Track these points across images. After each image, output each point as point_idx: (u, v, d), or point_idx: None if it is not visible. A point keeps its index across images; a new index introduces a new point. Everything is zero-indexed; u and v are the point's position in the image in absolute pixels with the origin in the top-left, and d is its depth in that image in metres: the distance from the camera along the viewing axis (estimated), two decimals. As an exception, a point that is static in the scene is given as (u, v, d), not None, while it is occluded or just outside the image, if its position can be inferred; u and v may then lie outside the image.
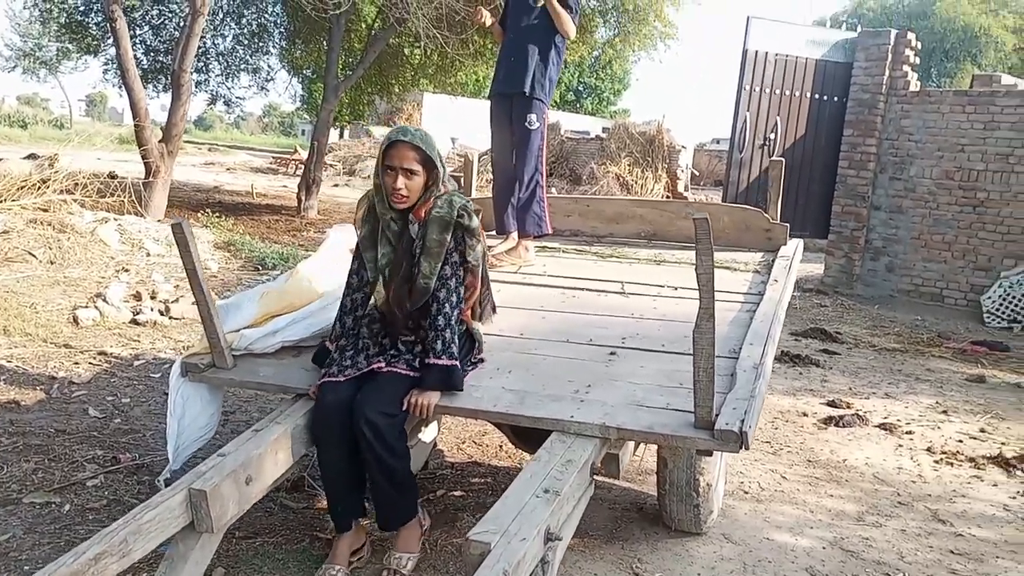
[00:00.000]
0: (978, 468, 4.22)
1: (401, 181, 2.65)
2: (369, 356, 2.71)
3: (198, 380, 2.84)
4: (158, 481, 2.82)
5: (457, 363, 2.69)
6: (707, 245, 2.12)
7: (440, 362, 2.64)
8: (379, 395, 2.60)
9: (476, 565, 1.88)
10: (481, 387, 2.70)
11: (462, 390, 2.67)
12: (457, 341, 2.73)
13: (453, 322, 2.72)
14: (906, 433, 4.72)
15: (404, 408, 2.61)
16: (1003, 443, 4.62)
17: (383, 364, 2.68)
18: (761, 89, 9.63)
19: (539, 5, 3.92)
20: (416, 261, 2.72)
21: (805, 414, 5.00)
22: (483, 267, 2.94)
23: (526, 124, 3.94)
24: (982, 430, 4.88)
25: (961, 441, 4.64)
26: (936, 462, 4.29)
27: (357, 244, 2.90)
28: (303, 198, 13.05)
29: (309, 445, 2.68)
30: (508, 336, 3.13)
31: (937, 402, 5.43)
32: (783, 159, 4.39)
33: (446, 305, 2.70)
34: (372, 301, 2.80)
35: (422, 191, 2.71)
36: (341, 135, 30.54)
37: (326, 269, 3.24)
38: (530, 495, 2.15)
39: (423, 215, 2.72)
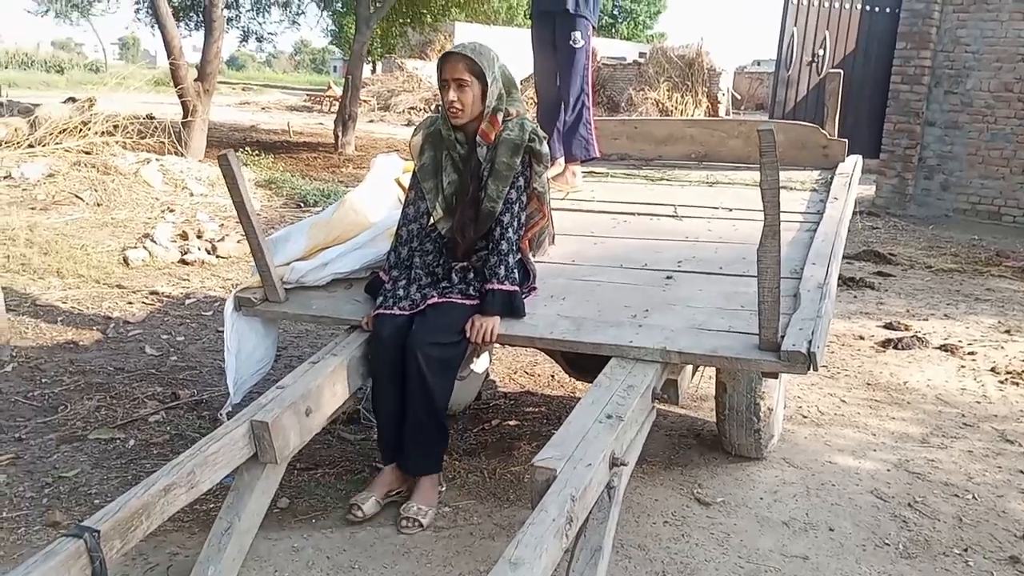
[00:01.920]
0: (1045, 387, 4.10)
1: (453, 93, 2.62)
2: (422, 287, 2.67)
3: (252, 314, 2.83)
4: (220, 415, 2.84)
5: (518, 289, 2.65)
6: (772, 158, 2.01)
7: (503, 287, 2.60)
8: (436, 326, 2.57)
9: (542, 492, 1.86)
10: (536, 314, 2.64)
11: (524, 316, 2.63)
12: (517, 268, 2.68)
13: (515, 247, 2.68)
14: (968, 354, 4.60)
15: (465, 336, 2.57)
16: (1070, 361, 4.48)
17: (436, 297, 2.63)
18: (808, 2, 9.20)
19: None
20: (483, 184, 2.68)
21: (862, 337, 4.89)
22: (548, 195, 2.90)
23: (570, 43, 3.78)
24: (1047, 349, 4.73)
25: (1026, 360, 4.51)
26: (1001, 382, 4.18)
27: (413, 174, 2.84)
28: (340, 134, 12.96)
29: (365, 377, 2.67)
30: (560, 263, 3.06)
31: (999, 321, 5.27)
32: (840, 71, 4.18)
33: (509, 230, 2.66)
34: (435, 229, 2.76)
35: (479, 104, 2.66)
36: (373, 70, 30.18)
37: (373, 199, 3.19)
38: (593, 420, 2.11)
39: (492, 138, 2.68)
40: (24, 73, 31.67)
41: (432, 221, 2.78)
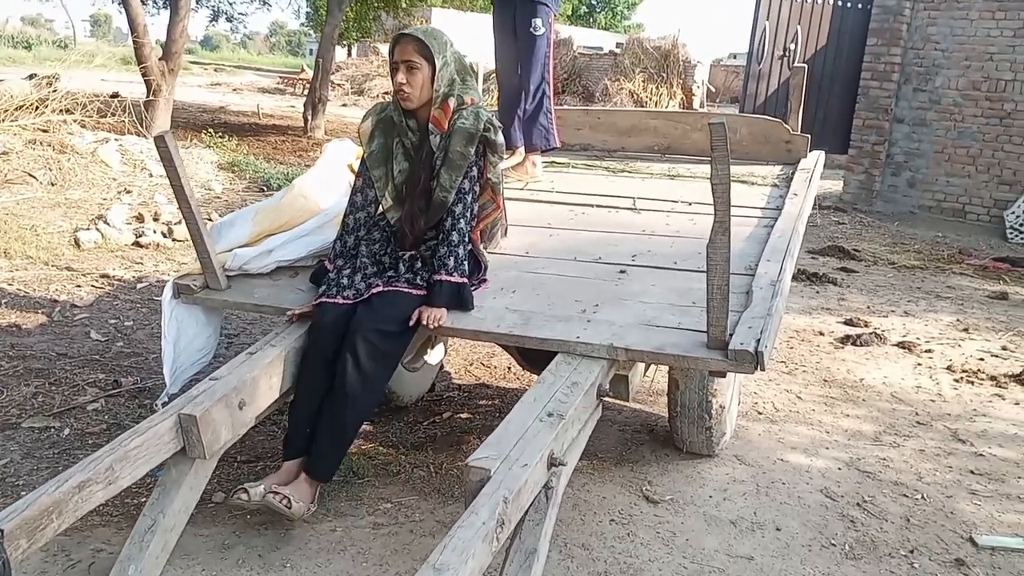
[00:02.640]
0: (999, 386, 4.11)
1: (403, 75, 2.56)
2: (367, 276, 2.59)
3: (191, 302, 2.73)
4: (155, 405, 2.75)
5: (467, 281, 2.58)
6: (723, 152, 1.95)
7: (451, 279, 2.52)
8: (380, 313, 2.47)
9: (475, 493, 1.80)
10: (484, 307, 2.57)
11: (472, 309, 2.55)
12: (467, 259, 2.61)
13: (466, 239, 2.61)
14: (925, 351, 4.60)
15: (411, 324, 2.48)
16: (1025, 361, 4.50)
17: (381, 286, 2.55)
18: (782, -3, 9.19)
19: None
20: (435, 174, 2.61)
21: (821, 333, 4.88)
22: (502, 186, 2.82)
23: (530, 29, 3.70)
24: (1004, 347, 4.75)
25: (982, 359, 4.52)
26: (956, 381, 4.18)
27: (362, 160, 2.76)
28: (309, 118, 12.78)
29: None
30: (513, 255, 2.99)
31: (958, 319, 5.29)
32: (805, 66, 4.14)
33: (461, 220, 2.59)
34: (383, 217, 2.68)
35: (428, 89, 2.59)
36: (349, 53, 29.82)
37: (323, 185, 3.09)
38: (533, 419, 2.05)
39: (446, 126, 2.61)
40: (-11, 48, 30.91)
41: (381, 210, 2.70)
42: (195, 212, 2.53)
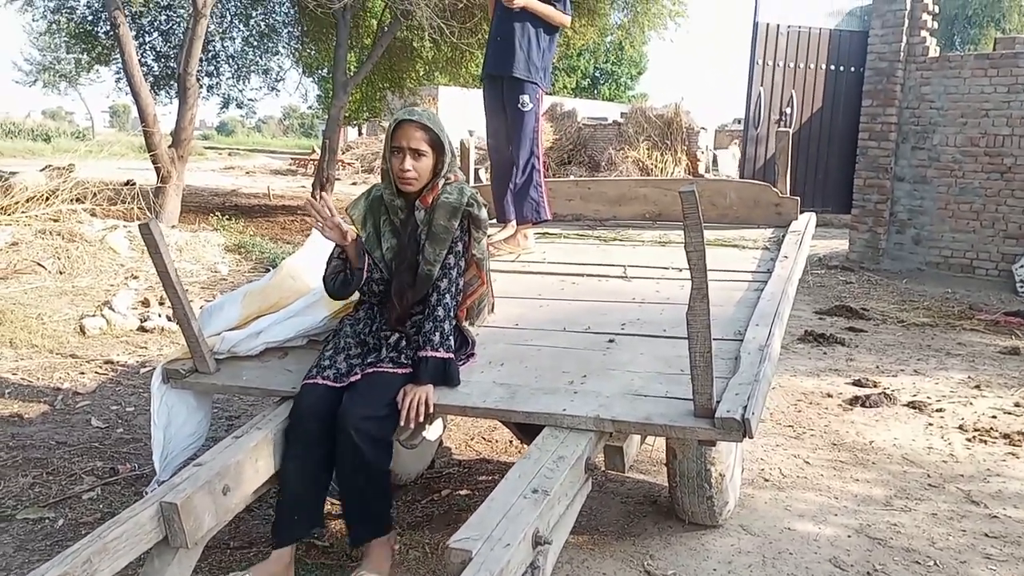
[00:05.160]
0: (1013, 444, 4.01)
1: (409, 162, 2.58)
2: (350, 357, 2.59)
3: (181, 386, 2.73)
4: (145, 491, 2.72)
5: (453, 356, 2.57)
6: (695, 220, 1.96)
7: (437, 354, 2.52)
8: (367, 399, 2.47)
9: (457, 574, 1.75)
10: (471, 382, 2.56)
11: (458, 384, 2.54)
12: (453, 335, 2.61)
13: (452, 313, 2.61)
14: (936, 411, 4.51)
15: (397, 408, 2.48)
16: (1039, 417, 4.40)
17: (360, 374, 2.55)
18: (774, 63, 9.35)
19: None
20: (420, 248, 2.63)
21: (830, 395, 4.81)
22: (487, 263, 2.84)
23: (518, 106, 3.78)
24: (1017, 404, 4.65)
25: (995, 417, 4.43)
26: (968, 440, 4.09)
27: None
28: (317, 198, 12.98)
29: (292, 450, 2.56)
30: (503, 327, 2.99)
31: (969, 377, 5.20)
32: (789, 130, 4.20)
33: (447, 296, 2.60)
34: (370, 291, 2.72)
35: (430, 176, 2.63)
36: (359, 133, 30.48)
37: (312, 265, 3.11)
38: (517, 496, 2.01)
39: (430, 201, 2.64)
40: (10, 142, 31.83)
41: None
42: (181, 297, 2.55)
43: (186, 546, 2.11)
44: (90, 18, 13.55)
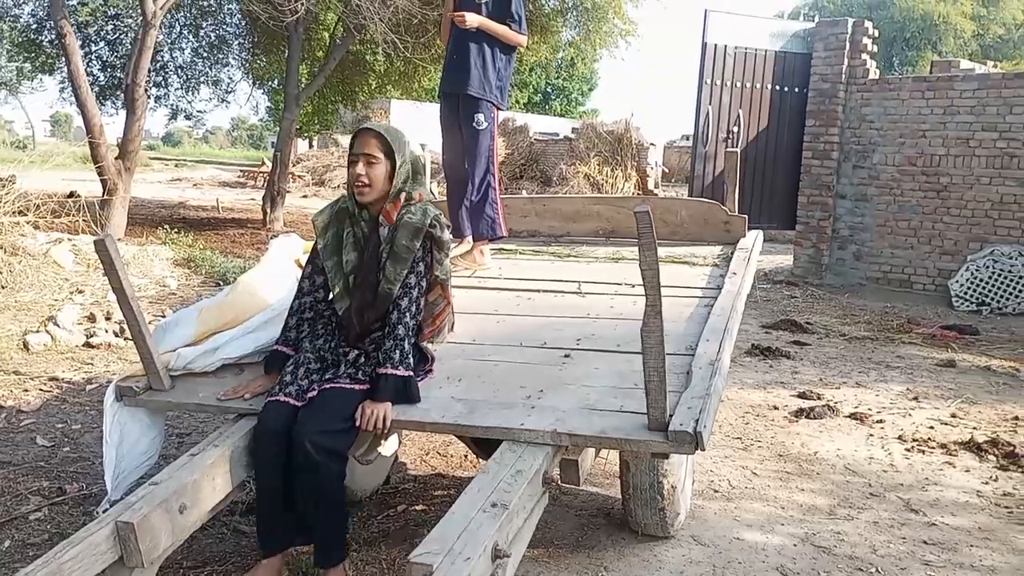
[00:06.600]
0: (950, 454, 4.17)
1: (362, 167, 2.63)
2: (310, 371, 2.60)
3: (134, 404, 2.70)
4: (96, 512, 2.68)
5: (411, 374, 2.59)
6: (650, 239, 2.03)
7: (397, 372, 2.54)
8: (323, 414, 2.48)
9: (418, 589, 1.78)
10: (430, 397, 2.59)
11: (419, 402, 2.57)
12: (412, 353, 2.64)
13: (412, 332, 2.64)
14: (877, 422, 4.67)
15: (355, 424, 2.49)
16: (974, 428, 4.58)
17: (319, 387, 2.57)
18: (722, 82, 9.59)
19: (482, 2, 3.81)
20: (381, 266, 2.65)
21: (776, 407, 4.94)
22: (450, 283, 2.89)
23: (474, 124, 3.83)
24: (953, 415, 4.84)
25: (932, 428, 4.60)
26: (907, 450, 4.24)
27: (313, 248, 2.82)
28: (268, 210, 12.86)
29: (250, 468, 2.55)
30: (460, 343, 3.02)
31: (908, 389, 5.39)
32: (737, 151, 4.33)
33: (406, 315, 2.62)
34: (329, 308, 2.74)
35: (386, 184, 2.67)
36: (311, 145, 30.24)
37: (270, 281, 3.12)
38: (477, 510, 2.04)
39: (394, 218, 2.67)
40: (-55, 151, 30.79)
41: (331, 296, 2.74)
42: (136, 313, 2.53)
43: (142, 566, 2.09)
44: (34, 27, 13.26)
